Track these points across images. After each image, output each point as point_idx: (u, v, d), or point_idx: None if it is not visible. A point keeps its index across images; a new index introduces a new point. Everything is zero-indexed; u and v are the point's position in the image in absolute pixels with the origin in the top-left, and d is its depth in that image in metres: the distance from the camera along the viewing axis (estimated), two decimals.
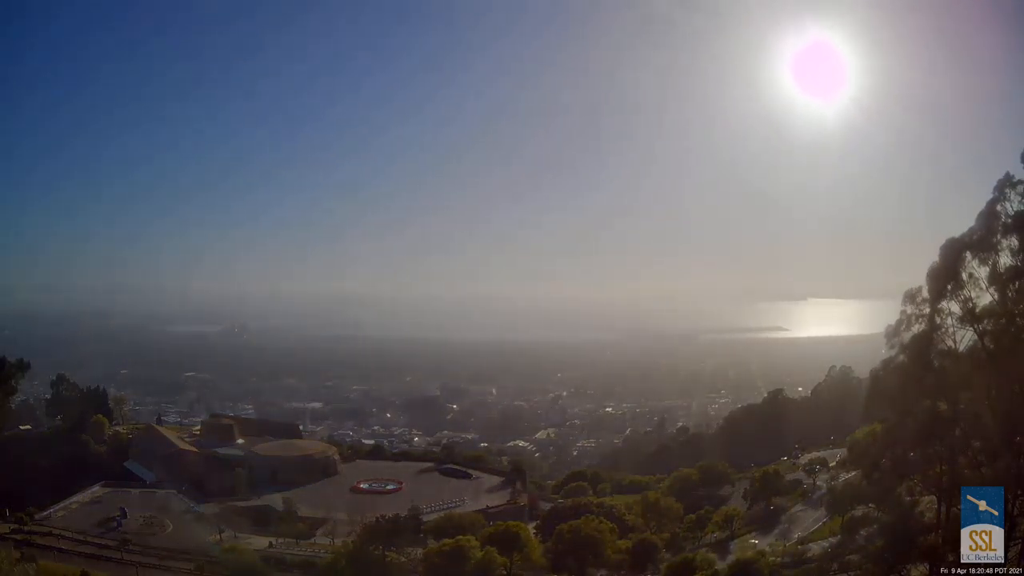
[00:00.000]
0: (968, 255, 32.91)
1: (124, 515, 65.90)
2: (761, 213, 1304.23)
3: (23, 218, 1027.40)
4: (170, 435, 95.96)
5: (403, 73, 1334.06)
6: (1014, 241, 32.35)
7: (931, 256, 34.05)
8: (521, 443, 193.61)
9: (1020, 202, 32.69)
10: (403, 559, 52.97)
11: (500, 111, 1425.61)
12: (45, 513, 66.13)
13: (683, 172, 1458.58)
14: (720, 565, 47.27)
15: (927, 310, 33.93)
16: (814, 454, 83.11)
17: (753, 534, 61.56)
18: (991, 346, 32.47)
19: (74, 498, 72.45)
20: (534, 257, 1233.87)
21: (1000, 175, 33.60)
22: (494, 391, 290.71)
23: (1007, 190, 33.08)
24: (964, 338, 33.46)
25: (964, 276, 32.97)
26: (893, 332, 35.50)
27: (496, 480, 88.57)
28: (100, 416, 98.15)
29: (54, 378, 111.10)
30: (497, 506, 75.05)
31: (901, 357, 35.48)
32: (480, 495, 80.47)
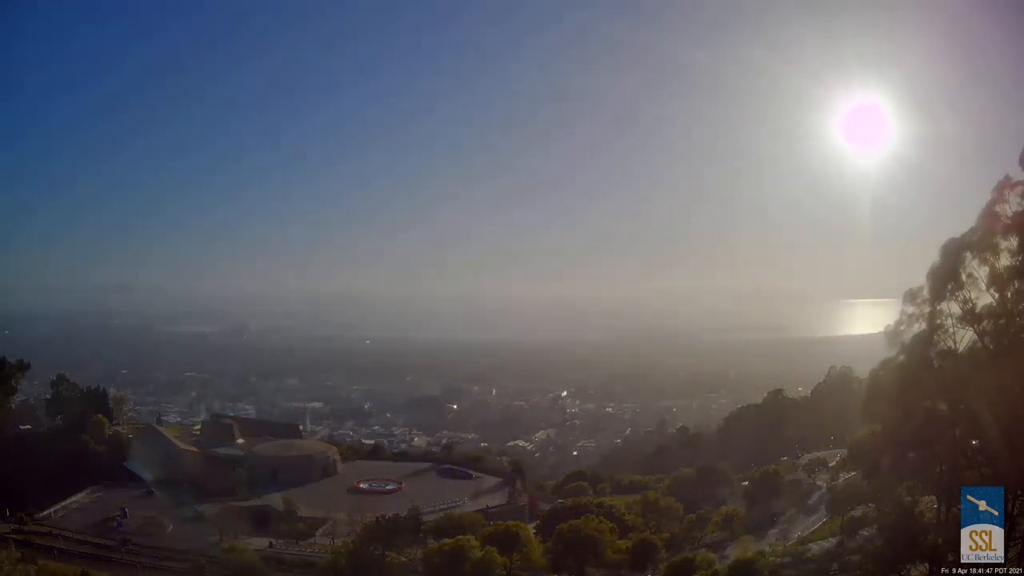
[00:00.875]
0: (968, 255, 33.03)
1: (124, 515, 65.89)
2: (764, 216, 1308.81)
3: (24, 218, 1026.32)
4: (170, 435, 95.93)
5: (409, 73, 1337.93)
6: (1013, 242, 32.45)
7: (932, 256, 34.22)
8: (521, 443, 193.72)
9: (1019, 203, 32.83)
10: (403, 559, 52.93)
11: (507, 115, 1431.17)
12: (45, 513, 66.16)
13: (694, 179, 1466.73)
14: (720, 565, 47.19)
15: (927, 310, 34.01)
16: (814, 454, 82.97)
17: (752, 534, 61.46)
18: (991, 346, 32.54)
19: (74, 498, 72.42)
20: (535, 258, 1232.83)
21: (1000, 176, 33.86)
22: (494, 391, 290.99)
23: (1006, 191, 33.25)
24: (964, 338, 33.54)
25: (964, 276, 33.08)
26: (893, 332, 35.59)
27: (496, 480, 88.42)
28: (100, 416, 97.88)
29: (54, 378, 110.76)
30: (497, 506, 75.03)
31: (901, 357, 35.56)
32: (480, 495, 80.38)
